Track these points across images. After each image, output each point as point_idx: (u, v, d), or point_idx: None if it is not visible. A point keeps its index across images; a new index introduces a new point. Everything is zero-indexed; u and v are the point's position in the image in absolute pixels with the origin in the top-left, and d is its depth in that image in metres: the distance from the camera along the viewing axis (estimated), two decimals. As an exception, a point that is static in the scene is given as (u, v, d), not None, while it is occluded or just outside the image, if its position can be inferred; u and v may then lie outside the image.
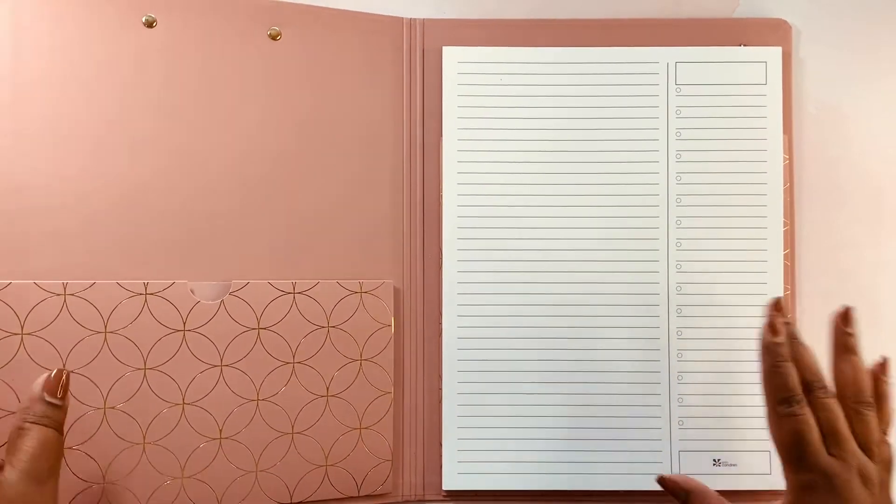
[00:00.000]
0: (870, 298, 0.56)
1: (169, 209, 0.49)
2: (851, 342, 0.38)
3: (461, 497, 0.53)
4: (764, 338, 0.39)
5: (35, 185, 0.47)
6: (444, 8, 0.56)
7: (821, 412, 0.37)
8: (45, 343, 0.46)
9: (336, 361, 0.51)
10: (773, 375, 0.38)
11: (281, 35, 0.52)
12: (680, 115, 0.54)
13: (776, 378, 0.38)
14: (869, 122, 0.56)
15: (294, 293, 0.50)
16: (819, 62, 0.57)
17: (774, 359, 0.38)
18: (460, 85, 0.54)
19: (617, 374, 0.53)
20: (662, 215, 0.54)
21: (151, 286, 0.48)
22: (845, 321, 0.39)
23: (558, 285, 0.53)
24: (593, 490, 0.53)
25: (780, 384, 0.37)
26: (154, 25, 0.50)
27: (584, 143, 0.54)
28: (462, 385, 0.53)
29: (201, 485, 0.48)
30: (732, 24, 0.56)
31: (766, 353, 0.38)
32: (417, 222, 0.54)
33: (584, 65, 0.55)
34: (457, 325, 0.53)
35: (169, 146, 0.50)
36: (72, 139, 0.48)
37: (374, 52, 0.54)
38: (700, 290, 0.54)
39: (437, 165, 0.54)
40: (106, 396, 0.47)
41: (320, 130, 0.52)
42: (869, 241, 0.56)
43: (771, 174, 0.54)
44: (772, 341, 0.38)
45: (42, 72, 0.47)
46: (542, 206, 0.54)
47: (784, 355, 0.38)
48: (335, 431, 0.51)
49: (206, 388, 0.48)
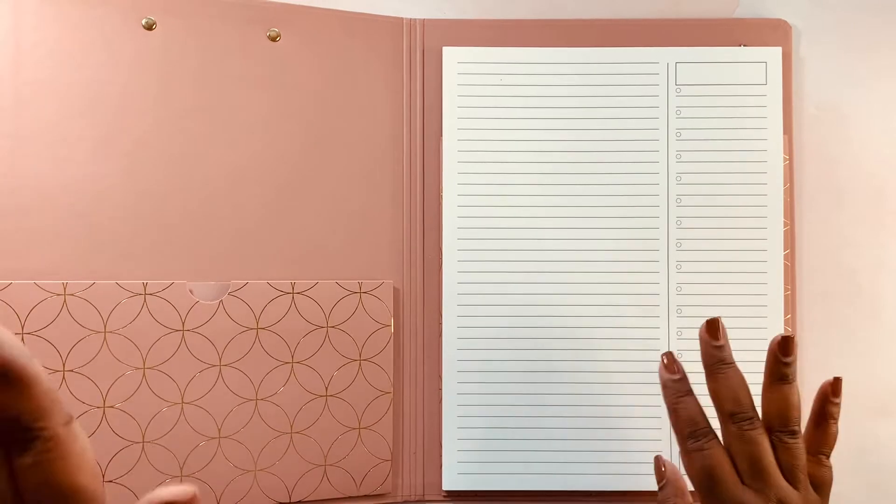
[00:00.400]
0: (870, 298, 0.56)
1: (168, 210, 0.49)
2: (785, 371, 0.37)
3: (461, 497, 0.53)
4: (661, 375, 0.38)
5: (35, 186, 0.47)
6: (444, 8, 0.56)
7: (740, 444, 0.36)
8: (46, 343, 0.46)
9: (335, 361, 0.51)
10: (673, 412, 0.38)
11: (280, 36, 0.52)
12: (680, 116, 0.54)
13: (679, 415, 0.37)
14: (869, 122, 0.56)
15: (293, 293, 0.50)
16: (819, 62, 0.57)
17: (672, 396, 0.38)
18: (460, 85, 0.54)
19: (617, 375, 0.53)
20: (662, 215, 0.54)
21: (150, 286, 0.48)
22: (784, 350, 0.37)
23: (558, 285, 0.53)
24: (593, 490, 0.53)
25: (682, 420, 0.37)
26: (154, 28, 0.50)
27: (584, 143, 0.54)
28: (462, 385, 0.53)
29: (200, 484, 0.48)
30: (732, 24, 0.56)
31: (664, 390, 0.38)
32: (417, 222, 0.54)
33: (585, 65, 0.55)
34: (457, 325, 0.53)
35: (168, 147, 0.50)
36: (72, 140, 0.48)
37: (374, 52, 0.54)
38: (700, 290, 0.54)
39: (437, 165, 0.54)
40: (105, 396, 0.47)
41: (320, 131, 0.53)
42: (869, 241, 0.56)
43: (771, 174, 0.54)
44: (668, 378, 0.38)
45: (42, 74, 0.47)
46: (542, 207, 0.54)
47: (682, 390, 0.37)
48: (334, 431, 0.51)
49: (205, 388, 0.49)
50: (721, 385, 0.37)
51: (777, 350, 0.37)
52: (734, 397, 0.37)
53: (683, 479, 0.38)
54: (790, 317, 0.54)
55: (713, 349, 0.37)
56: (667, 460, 0.38)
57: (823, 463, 0.38)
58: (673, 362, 0.38)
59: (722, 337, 0.37)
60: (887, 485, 0.55)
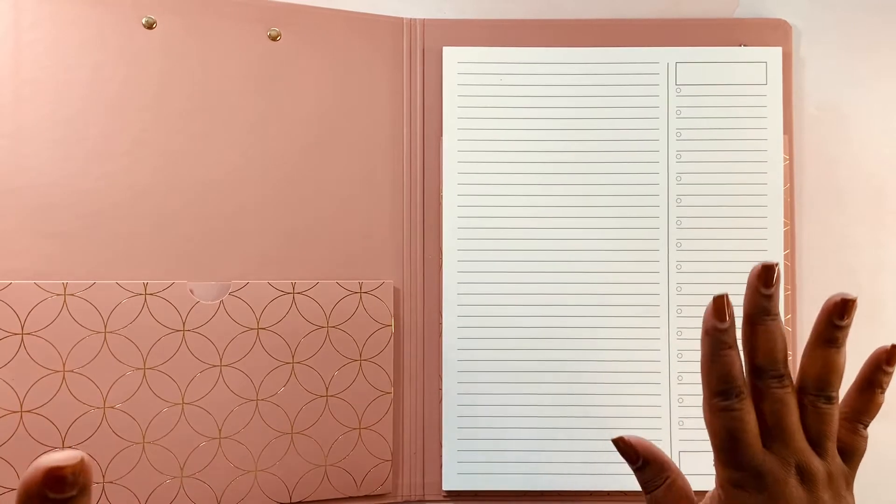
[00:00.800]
0: (870, 298, 0.56)
1: (168, 210, 0.49)
2: (836, 334, 0.33)
3: (461, 497, 0.53)
4: (705, 321, 0.34)
5: (35, 185, 0.47)
6: (444, 8, 0.56)
7: (767, 403, 0.33)
8: (45, 343, 0.46)
9: (335, 361, 0.51)
10: (711, 364, 0.34)
11: (281, 36, 0.52)
12: (680, 116, 0.54)
13: (714, 367, 0.33)
14: (869, 122, 0.56)
15: (293, 293, 0.50)
16: (819, 62, 0.57)
17: (715, 346, 0.33)
18: (460, 85, 0.54)
19: (617, 375, 0.53)
20: (662, 215, 0.54)
21: (151, 286, 0.48)
22: (840, 313, 0.33)
23: (558, 285, 0.53)
24: (594, 490, 0.53)
25: (718, 375, 0.33)
26: (154, 27, 0.50)
27: (584, 143, 0.54)
28: (462, 385, 0.53)
29: (200, 484, 0.48)
30: (732, 24, 0.56)
31: (707, 338, 0.34)
32: (417, 222, 0.54)
33: (584, 65, 0.55)
34: (457, 325, 0.53)
35: (168, 147, 0.50)
36: (72, 140, 0.48)
37: (374, 52, 0.54)
38: (700, 290, 0.54)
39: (437, 165, 0.54)
40: (105, 396, 0.47)
41: (320, 131, 0.52)
42: (869, 242, 0.56)
43: (771, 174, 0.54)
44: (713, 325, 0.33)
45: (42, 73, 0.47)
46: (542, 207, 0.54)
47: (727, 342, 0.33)
48: (335, 431, 0.51)
49: (205, 388, 0.48)
50: (759, 336, 0.33)
51: (832, 311, 0.33)
52: (769, 351, 0.33)
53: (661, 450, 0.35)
54: (790, 317, 0.54)
55: (761, 297, 0.34)
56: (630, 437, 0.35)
57: (860, 432, 0.35)
58: (724, 307, 0.34)
59: (774, 285, 0.34)
60: (887, 485, 0.55)
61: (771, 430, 0.33)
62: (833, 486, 0.33)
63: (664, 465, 0.35)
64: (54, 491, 0.21)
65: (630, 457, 0.35)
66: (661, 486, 0.34)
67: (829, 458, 0.34)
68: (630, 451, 0.34)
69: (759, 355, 0.34)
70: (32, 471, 0.21)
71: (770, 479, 0.33)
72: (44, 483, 0.21)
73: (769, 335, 0.33)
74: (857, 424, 0.35)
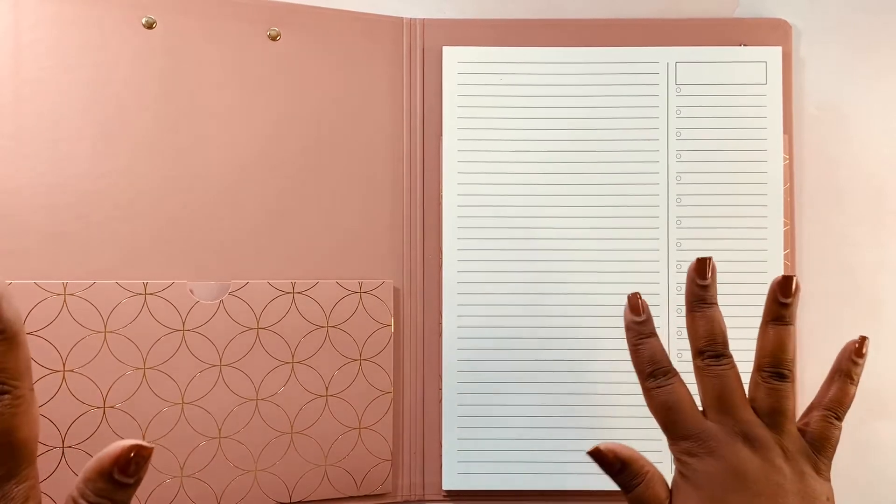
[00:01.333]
0: (870, 298, 0.56)
1: (168, 209, 0.49)
2: (782, 312, 0.36)
3: (461, 497, 0.53)
4: (625, 318, 0.38)
5: (35, 186, 0.47)
6: (444, 8, 0.56)
7: (706, 379, 0.35)
8: (45, 343, 0.46)
9: (335, 361, 0.51)
10: (635, 354, 0.37)
11: (281, 35, 0.52)
12: (680, 115, 0.54)
13: (639, 355, 0.37)
14: (869, 122, 0.56)
15: (293, 293, 0.50)
16: (819, 62, 0.57)
17: (636, 336, 0.37)
18: (460, 85, 0.54)
19: (617, 374, 0.53)
20: (662, 215, 0.54)
21: (151, 286, 0.48)
22: (783, 291, 0.36)
23: (558, 285, 0.53)
24: (593, 490, 0.53)
25: (644, 360, 0.36)
26: (154, 27, 0.50)
27: (584, 142, 0.54)
28: (462, 385, 0.53)
29: (200, 484, 0.48)
30: (732, 24, 0.56)
31: (628, 332, 0.37)
32: (417, 222, 0.54)
33: (584, 65, 0.55)
34: (457, 325, 0.53)
35: (168, 147, 0.50)
36: (72, 140, 0.48)
37: (374, 52, 0.54)
38: (700, 290, 0.54)
39: (437, 165, 0.54)
40: (105, 396, 0.47)
41: (320, 131, 0.52)
42: (869, 241, 0.56)
43: (771, 174, 0.54)
44: (632, 319, 0.37)
45: (42, 73, 0.47)
46: (542, 206, 0.54)
47: (645, 332, 0.37)
48: (334, 431, 0.51)
49: (205, 388, 0.48)
50: (698, 322, 0.36)
51: (777, 289, 0.36)
52: (708, 334, 0.36)
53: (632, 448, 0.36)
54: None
55: (698, 287, 0.37)
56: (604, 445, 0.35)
57: (831, 421, 0.35)
58: (638, 303, 0.37)
59: (709, 276, 0.37)
60: (887, 485, 0.55)
61: (713, 404, 0.35)
62: (792, 463, 0.34)
63: (640, 462, 0.35)
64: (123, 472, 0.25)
65: (608, 463, 0.35)
66: (641, 483, 0.35)
67: (785, 434, 0.34)
68: (609, 458, 0.35)
69: (699, 338, 0.36)
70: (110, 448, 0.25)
71: (715, 442, 0.34)
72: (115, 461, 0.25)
73: (706, 320, 0.36)
74: (828, 413, 0.36)
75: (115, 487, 0.25)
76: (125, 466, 0.25)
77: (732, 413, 0.35)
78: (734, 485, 0.33)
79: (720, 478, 0.33)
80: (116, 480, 0.25)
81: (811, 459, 0.34)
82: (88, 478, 0.25)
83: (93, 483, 0.25)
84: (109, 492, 0.25)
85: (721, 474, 0.33)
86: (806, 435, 0.35)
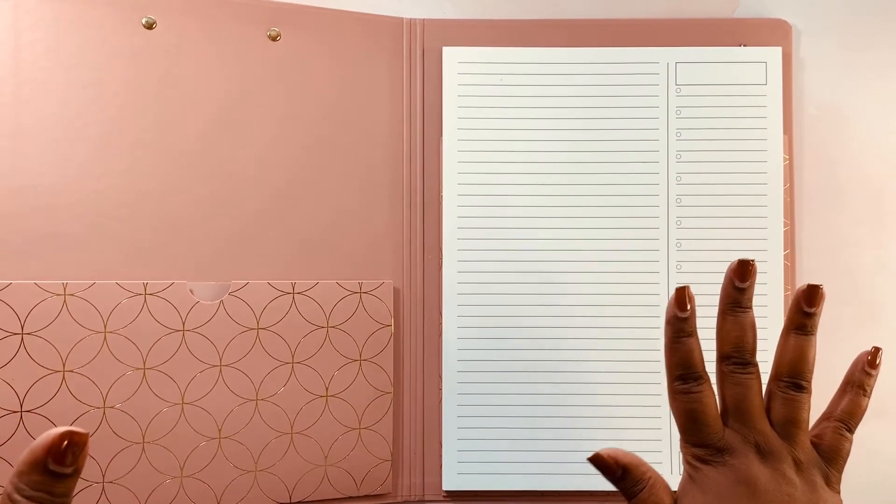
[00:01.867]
0: (870, 298, 0.56)
1: (168, 210, 0.49)
2: (804, 321, 0.35)
3: (461, 497, 0.53)
4: (667, 311, 0.36)
5: (35, 186, 0.47)
6: (444, 7, 0.56)
7: (728, 386, 0.35)
8: (45, 343, 0.46)
9: (335, 361, 0.51)
10: (671, 351, 0.36)
11: (281, 36, 0.52)
12: (680, 116, 0.54)
13: (675, 353, 0.35)
14: (869, 122, 0.56)
15: (293, 293, 0.50)
16: (819, 62, 0.57)
17: (675, 333, 0.35)
18: (460, 85, 0.54)
19: (617, 375, 0.53)
20: (662, 215, 0.54)
21: (151, 286, 0.48)
22: (808, 300, 0.35)
23: (558, 285, 0.53)
24: (593, 490, 0.53)
25: (678, 360, 0.35)
26: (154, 27, 0.50)
27: (584, 143, 0.54)
28: (462, 385, 0.53)
29: (200, 484, 0.48)
30: (732, 24, 0.56)
31: (668, 326, 0.36)
32: (417, 222, 0.54)
33: (584, 65, 0.55)
34: (457, 325, 0.53)
35: (168, 147, 0.50)
36: (72, 140, 0.48)
37: (374, 52, 0.54)
38: (700, 290, 0.53)
39: (437, 165, 0.54)
40: (105, 396, 0.47)
41: (320, 131, 0.52)
42: (869, 242, 0.56)
43: (771, 174, 0.54)
44: (674, 314, 0.35)
45: (42, 73, 0.47)
46: (541, 207, 0.54)
47: (685, 330, 0.35)
48: (334, 431, 0.51)
49: (205, 388, 0.48)
50: (729, 325, 0.35)
51: (801, 298, 0.35)
52: (737, 339, 0.35)
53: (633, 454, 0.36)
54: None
55: (735, 290, 0.35)
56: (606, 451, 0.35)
57: (841, 433, 0.35)
58: (685, 298, 0.36)
59: (749, 280, 0.35)
60: (887, 485, 0.55)
61: (732, 412, 0.35)
62: (804, 474, 0.34)
63: (642, 467, 0.35)
64: (56, 462, 0.24)
65: (610, 469, 0.35)
66: (644, 489, 0.35)
67: (798, 446, 0.34)
68: (610, 464, 0.35)
69: (727, 343, 0.35)
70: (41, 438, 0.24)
71: (729, 454, 0.34)
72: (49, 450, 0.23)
73: (738, 325, 0.35)
74: (839, 424, 0.36)
75: (51, 479, 0.24)
76: (60, 456, 0.24)
77: (750, 423, 0.35)
78: (744, 494, 0.33)
79: (730, 486, 0.34)
80: (52, 471, 0.24)
81: (822, 471, 0.34)
82: (22, 471, 0.24)
83: (27, 476, 0.24)
84: (46, 484, 0.24)
85: (731, 483, 0.34)
86: (818, 447, 0.35)
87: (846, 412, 0.36)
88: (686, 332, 0.35)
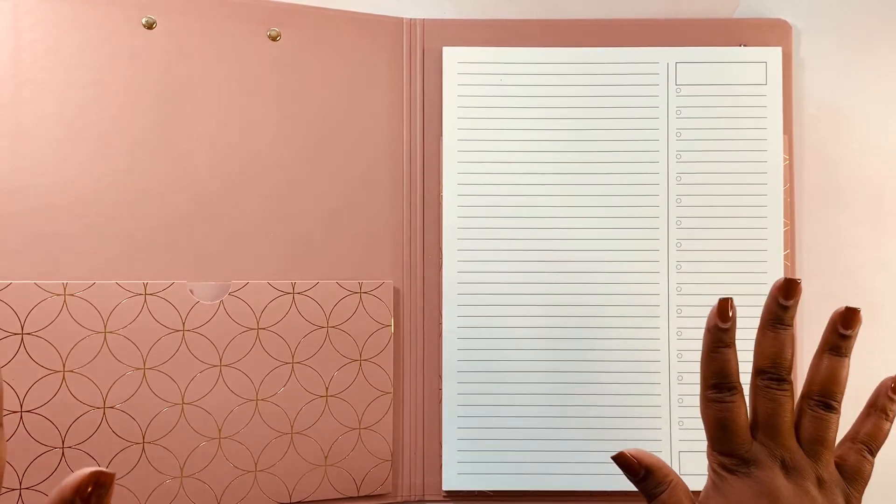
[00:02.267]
0: (870, 298, 0.56)
1: (168, 209, 0.49)
2: (840, 343, 0.36)
3: (461, 497, 0.53)
4: (709, 319, 0.37)
5: (35, 186, 0.47)
6: (444, 7, 0.56)
7: (762, 401, 0.36)
8: (45, 343, 0.46)
9: (335, 362, 0.51)
10: (708, 359, 0.36)
11: (281, 36, 0.52)
12: (680, 116, 0.54)
13: (711, 362, 0.36)
14: (869, 123, 0.56)
15: (293, 293, 0.50)
16: (819, 62, 0.57)
17: (714, 343, 0.36)
18: (460, 85, 0.54)
19: (617, 375, 0.53)
20: (662, 215, 0.54)
21: (151, 286, 0.48)
22: (845, 323, 0.36)
23: (558, 285, 0.53)
24: (593, 490, 0.53)
25: (714, 369, 0.36)
26: (154, 27, 0.50)
27: (583, 143, 0.54)
28: (462, 385, 0.53)
29: (200, 484, 0.48)
30: (732, 24, 0.56)
31: (708, 335, 0.37)
32: (417, 222, 0.54)
33: (584, 65, 0.55)
34: (457, 325, 0.53)
35: (168, 147, 0.50)
36: (72, 140, 0.48)
37: (374, 52, 0.54)
38: (700, 290, 0.54)
39: (437, 165, 0.54)
40: (105, 396, 0.47)
41: (320, 131, 0.52)
42: (869, 242, 0.56)
43: (771, 174, 0.54)
44: (716, 324, 0.36)
45: (42, 73, 0.47)
46: (542, 207, 0.54)
47: (724, 341, 0.36)
48: (334, 431, 0.51)
49: (205, 388, 0.48)
50: (769, 341, 0.36)
51: (838, 321, 0.36)
52: (775, 355, 0.36)
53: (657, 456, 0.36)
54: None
55: (778, 307, 0.36)
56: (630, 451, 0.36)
57: (864, 455, 0.36)
58: (727, 309, 0.36)
59: (794, 298, 0.36)
60: (887, 486, 0.55)
61: (762, 426, 0.36)
62: (827, 493, 0.35)
63: (664, 469, 0.36)
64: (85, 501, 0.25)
65: (633, 470, 0.36)
66: (665, 491, 0.35)
67: (823, 465, 0.35)
68: (633, 464, 0.36)
69: (765, 358, 0.36)
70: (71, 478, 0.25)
71: (755, 466, 0.35)
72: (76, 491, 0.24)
73: (778, 342, 0.36)
74: (862, 447, 0.37)
75: None
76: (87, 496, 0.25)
77: (778, 438, 0.35)
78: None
79: (753, 498, 0.34)
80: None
81: (844, 491, 0.36)
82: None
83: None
84: None
85: (755, 495, 0.34)
86: (841, 468, 0.36)
87: (869, 435, 0.37)
88: (725, 342, 0.36)
